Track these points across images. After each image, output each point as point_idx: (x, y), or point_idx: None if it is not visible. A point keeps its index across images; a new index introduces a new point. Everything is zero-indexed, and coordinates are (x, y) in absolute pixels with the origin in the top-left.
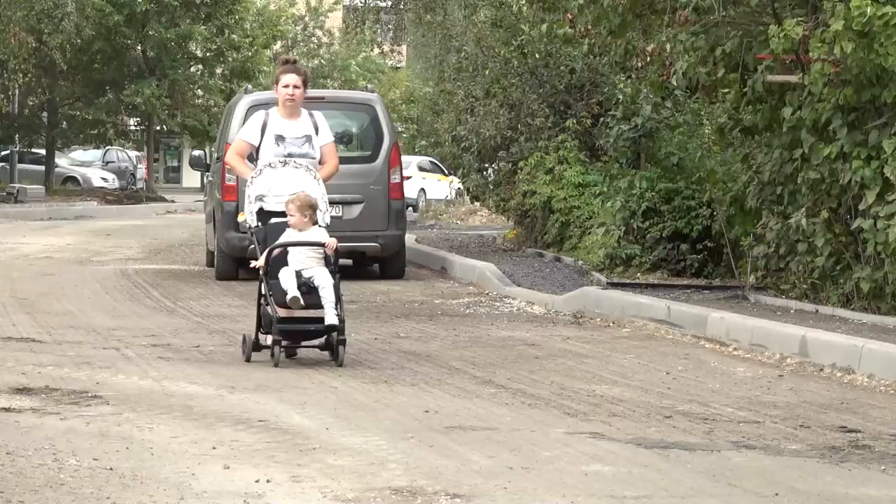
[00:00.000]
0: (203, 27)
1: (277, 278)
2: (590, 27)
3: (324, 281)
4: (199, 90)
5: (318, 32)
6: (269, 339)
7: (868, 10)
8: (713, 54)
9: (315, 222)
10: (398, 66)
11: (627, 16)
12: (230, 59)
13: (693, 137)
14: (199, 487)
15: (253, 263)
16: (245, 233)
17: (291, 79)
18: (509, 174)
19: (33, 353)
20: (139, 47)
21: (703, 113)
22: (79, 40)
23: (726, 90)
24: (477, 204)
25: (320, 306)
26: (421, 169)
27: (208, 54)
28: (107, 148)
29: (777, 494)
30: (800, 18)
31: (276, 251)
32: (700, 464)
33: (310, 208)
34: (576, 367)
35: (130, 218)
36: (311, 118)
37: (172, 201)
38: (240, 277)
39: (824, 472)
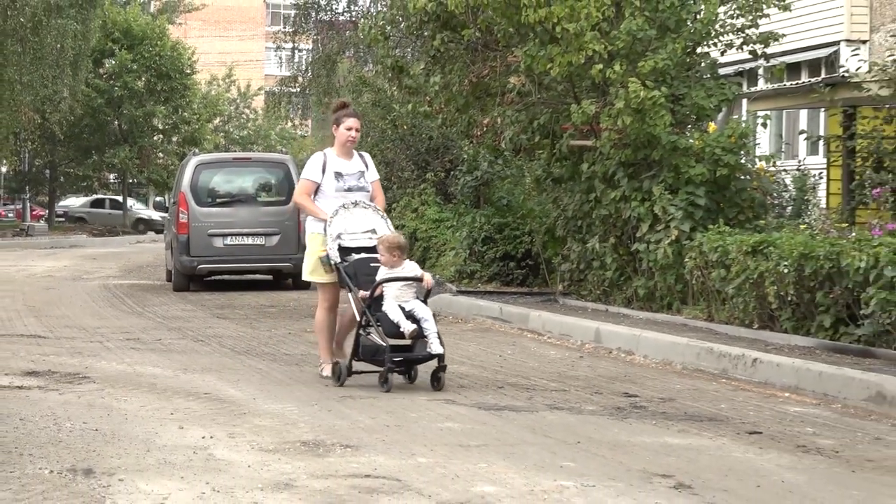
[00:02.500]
0: (163, 107)
1: (382, 311)
2: (443, 106)
3: (425, 313)
4: (160, 153)
5: (247, 110)
6: (370, 368)
7: (641, 94)
8: (531, 125)
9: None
10: (305, 134)
11: (469, 98)
12: (183, 130)
13: (518, 185)
14: (161, 442)
15: (361, 293)
16: (195, 257)
17: (354, 122)
18: (386, 213)
19: (39, 345)
20: (116, 122)
21: (524, 167)
22: (72, 117)
23: (541, 151)
24: None
25: (422, 336)
26: None
27: (166, 126)
28: (93, 196)
29: (579, 442)
30: (593, 99)
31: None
32: (524, 421)
33: (398, 248)
34: None
35: (111, 247)
36: (361, 158)
37: (141, 234)
38: (191, 289)
39: (612, 425)
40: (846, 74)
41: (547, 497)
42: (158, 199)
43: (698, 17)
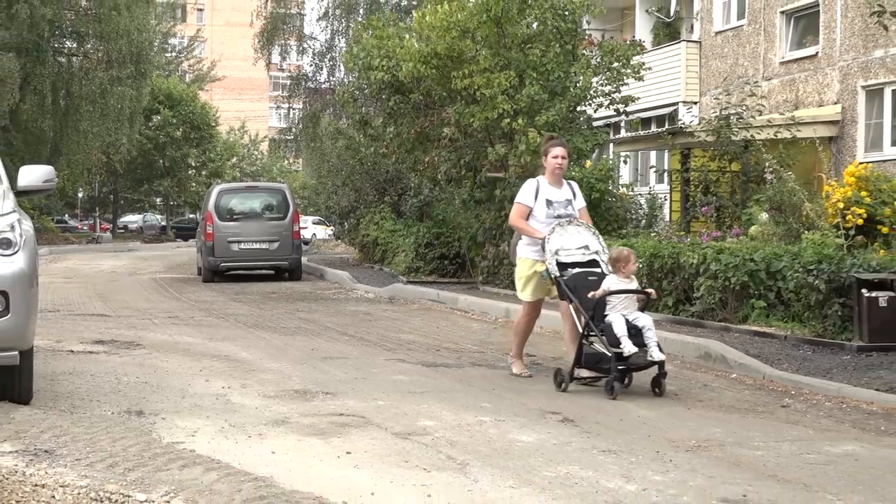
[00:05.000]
0: (195, 150)
1: (605, 322)
2: (395, 149)
3: (647, 323)
4: (193, 183)
5: (256, 152)
6: (583, 373)
7: (537, 139)
8: (459, 162)
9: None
10: (297, 169)
11: (415, 143)
12: (209, 166)
13: (450, 205)
14: (193, 391)
15: (577, 309)
16: (218, 258)
17: (560, 151)
18: (356, 225)
19: (105, 321)
20: (161, 161)
21: (454, 192)
22: (129, 157)
23: (466, 181)
24: (339, 241)
25: (643, 345)
26: (314, 223)
27: (197, 164)
28: (145, 214)
29: (493, 389)
30: (503, 144)
31: (605, 296)
32: (454, 374)
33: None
34: (390, 325)
35: (158, 250)
36: (569, 187)
37: (180, 241)
38: (215, 281)
39: (517, 377)
40: (683, 126)
41: (470, 428)
42: (191, 215)
43: (578, 85)
